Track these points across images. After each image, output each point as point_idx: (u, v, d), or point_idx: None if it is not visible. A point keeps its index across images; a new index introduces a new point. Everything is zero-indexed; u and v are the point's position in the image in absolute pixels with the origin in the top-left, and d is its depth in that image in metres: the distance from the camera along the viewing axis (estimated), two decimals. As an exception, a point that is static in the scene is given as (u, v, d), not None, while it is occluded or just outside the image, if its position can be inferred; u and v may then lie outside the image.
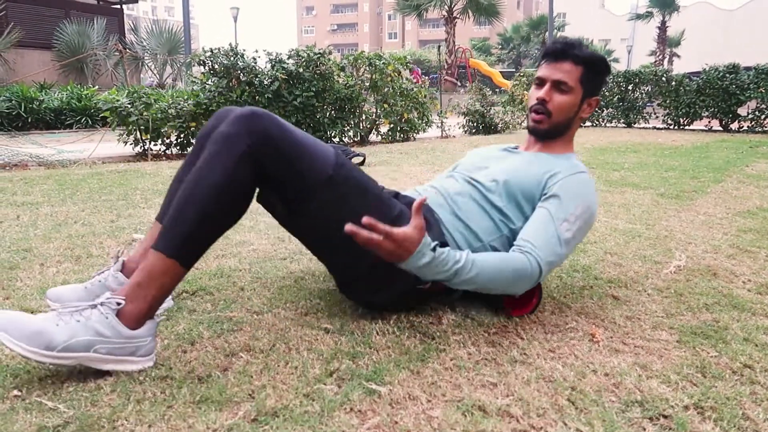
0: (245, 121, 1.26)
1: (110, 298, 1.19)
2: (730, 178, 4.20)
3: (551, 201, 1.49)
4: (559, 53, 1.57)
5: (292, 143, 1.30)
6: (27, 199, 3.11)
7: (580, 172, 1.56)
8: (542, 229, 1.45)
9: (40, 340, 1.11)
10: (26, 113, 8.71)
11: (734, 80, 9.63)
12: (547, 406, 1.11)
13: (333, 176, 1.33)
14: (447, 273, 1.32)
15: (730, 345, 1.39)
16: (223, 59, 5.72)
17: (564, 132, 1.63)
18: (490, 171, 1.63)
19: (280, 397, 1.12)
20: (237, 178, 1.25)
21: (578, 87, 1.57)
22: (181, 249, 1.23)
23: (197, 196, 1.23)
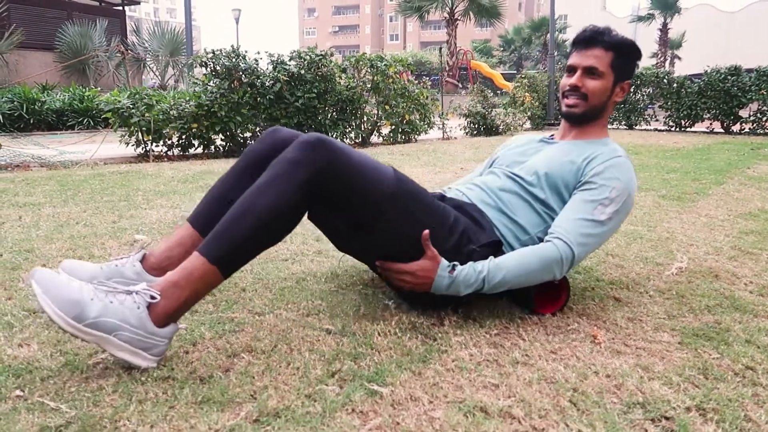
0: (312, 148, 1.31)
1: (146, 290, 1.21)
2: (731, 180, 4.20)
3: (586, 186, 1.56)
4: (588, 40, 1.63)
5: (352, 167, 1.35)
6: (29, 200, 3.11)
7: (617, 156, 1.60)
8: (572, 214, 1.52)
9: (73, 309, 1.12)
10: (28, 114, 8.73)
11: (736, 82, 9.62)
12: (548, 407, 1.11)
13: (395, 192, 1.39)
14: (476, 284, 1.44)
15: (732, 347, 1.39)
16: (225, 61, 5.72)
17: (598, 116, 1.68)
18: (529, 164, 1.67)
19: (281, 398, 1.12)
20: (295, 203, 1.30)
21: (609, 72, 1.62)
22: (226, 258, 1.26)
23: (254, 213, 1.27)
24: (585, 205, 1.53)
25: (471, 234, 1.52)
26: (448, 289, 1.45)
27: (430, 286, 1.45)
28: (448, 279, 1.43)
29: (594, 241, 1.52)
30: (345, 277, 1.88)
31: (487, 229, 1.56)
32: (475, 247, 1.50)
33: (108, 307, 1.16)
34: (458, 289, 1.45)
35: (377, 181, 1.38)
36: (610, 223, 1.53)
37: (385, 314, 1.55)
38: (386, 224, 1.42)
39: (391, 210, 1.40)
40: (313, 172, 1.29)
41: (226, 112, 5.59)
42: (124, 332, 1.16)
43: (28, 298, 1.62)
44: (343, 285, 1.80)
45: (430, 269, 1.43)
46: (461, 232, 1.50)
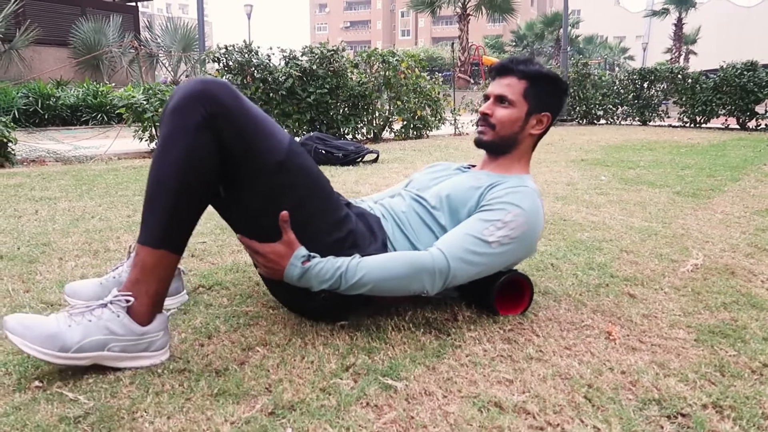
0: (195, 91, 1.21)
1: (118, 295, 1.20)
2: (747, 177, 4.15)
3: (482, 208, 1.46)
4: (502, 69, 1.57)
5: (248, 117, 1.25)
6: (45, 194, 3.15)
7: (523, 186, 1.50)
8: (459, 230, 1.42)
9: (54, 343, 1.13)
10: (43, 110, 8.82)
11: (752, 78, 9.50)
12: (563, 403, 1.11)
13: (285, 162, 1.28)
14: (331, 281, 1.30)
15: (749, 344, 1.38)
16: (238, 56, 5.74)
17: (512, 147, 1.58)
18: (436, 188, 1.59)
19: (296, 391, 1.12)
20: (198, 147, 1.20)
21: (521, 101, 1.54)
22: (165, 237, 1.21)
23: (163, 179, 1.21)
24: (475, 223, 1.42)
25: (359, 239, 1.42)
26: (300, 281, 1.31)
27: (282, 274, 1.31)
28: (300, 270, 1.29)
29: (477, 260, 1.38)
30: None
31: (379, 241, 1.46)
32: (359, 254, 1.37)
33: (88, 327, 1.16)
34: (310, 283, 1.31)
35: (270, 141, 1.27)
36: (499, 248, 1.40)
37: (398, 309, 1.55)
38: (263, 191, 1.29)
39: (275, 181, 1.28)
40: (204, 113, 1.19)
41: (239, 108, 5.61)
42: (115, 343, 1.17)
43: (45, 291, 1.64)
44: (357, 280, 1.81)
45: (283, 254, 1.30)
46: (349, 232, 1.39)
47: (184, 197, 1.21)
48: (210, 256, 2.05)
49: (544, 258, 2.06)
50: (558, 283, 1.80)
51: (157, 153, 1.23)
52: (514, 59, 1.57)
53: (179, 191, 1.20)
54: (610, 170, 4.45)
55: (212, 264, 1.96)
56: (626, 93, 11.20)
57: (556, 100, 1.60)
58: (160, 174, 1.21)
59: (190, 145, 1.20)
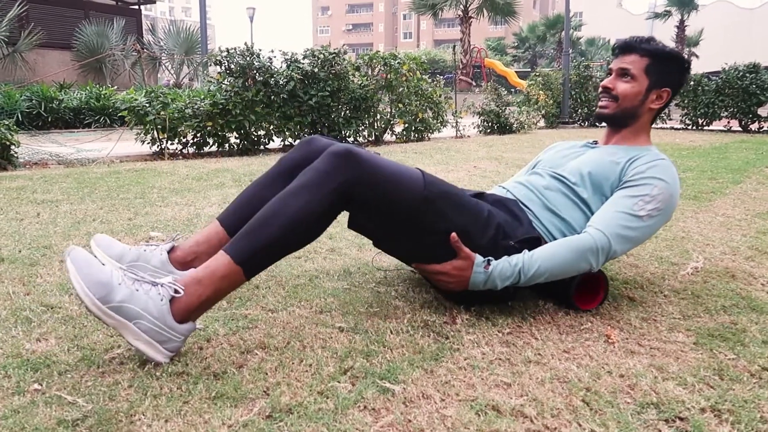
0: (341, 159, 1.34)
1: (171, 284, 1.23)
2: (749, 179, 4.14)
3: (628, 183, 1.57)
4: (626, 46, 1.67)
5: (382, 177, 1.37)
6: (47, 197, 3.16)
7: (661, 159, 1.61)
8: (611, 207, 1.54)
9: (100, 290, 1.15)
10: (46, 113, 8.84)
11: (754, 80, 9.47)
12: (561, 406, 1.11)
13: (427, 196, 1.41)
14: (513, 278, 1.46)
15: (749, 347, 1.38)
16: (239, 59, 5.75)
17: (632, 120, 1.70)
18: (572, 165, 1.70)
19: (294, 395, 1.12)
20: (323, 210, 1.33)
21: (643, 76, 1.64)
22: (250, 259, 1.28)
23: (282, 217, 1.30)
24: (625, 200, 1.54)
25: (507, 228, 1.54)
26: (485, 285, 1.46)
27: (467, 283, 1.47)
28: (484, 275, 1.45)
29: (633, 235, 1.52)
30: (357, 275, 1.88)
31: (525, 224, 1.58)
32: (512, 243, 1.52)
33: (133, 294, 1.18)
34: (495, 284, 1.46)
35: (408, 187, 1.40)
36: (649, 220, 1.53)
37: (397, 312, 1.55)
38: (420, 227, 1.44)
39: (424, 214, 1.43)
40: (341, 182, 1.33)
41: (241, 110, 5.62)
42: (145, 321, 1.18)
43: (46, 294, 1.65)
44: (356, 283, 1.81)
45: (464, 267, 1.46)
46: (496, 227, 1.52)
47: (287, 239, 1.32)
48: (210, 259, 2.05)
49: (544, 261, 2.06)
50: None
51: (287, 192, 1.34)
52: (637, 38, 1.68)
53: (287, 233, 1.31)
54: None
55: (212, 267, 1.96)
56: (628, 95, 11.17)
57: (677, 77, 1.70)
58: (280, 209, 1.31)
59: (317, 203, 1.32)
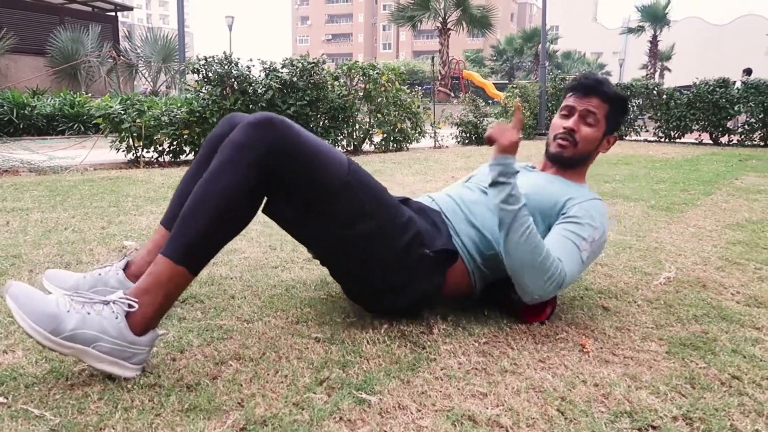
0: (259, 129, 1.26)
1: (123, 299, 1.19)
2: (719, 191, 4.24)
3: (572, 222, 1.53)
4: (589, 88, 1.63)
5: (305, 150, 1.30)
6: (17, 205, 3.09)
7: (596, 199, 1.62)
8: (568, 248, 1.48)
9: (49, 323, 1.11)
10: (18, 119, 8.67)
11: (724, 94, 9.74)
12: (536, 416, 1.11)
13: (349, 181, 1.36)
14: (516, 206, 1.40)
15: (719, 356, 1.40)
16: (218, 67, 5.72)
17: (582, 163, 1.70)
18: None
19: (269, 406, 1.11)
20: (247, 185, 1.26)
21: (603, 122, 1.63)
22: (189, 256, 1.24)
23: (207, 203, 1.24)
24: (574, 241, 1.49)
25: (426, 237, 1.49)
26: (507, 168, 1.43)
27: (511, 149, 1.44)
28: (515, 168, 1.44)
29: (571, 281, 1.50)
30: (334, 285, 1.87)
31: (444, 236, 1.53)
32: (428, 252, 1.47)
33: (86, 319, 1.14)
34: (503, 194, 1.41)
35: (330, 168, 1.34)
36: (586, 264, 1.52)
37: (374, 322, 1.55)
38: (337, 215, 1.37)
39: (342, 200, 1.36)
40: (262, 153, 1.25)
41: (218, 119, 5.57)
42: (104, 343, 1.15)
43: (13, 304, 1.60)
44: (333, 293, 1.80)
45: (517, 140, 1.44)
46: (415, 233, 1.46)
47: (220, 225, 1.26)
48: (185, 269, 2.02)
49: (521, 271, 2.07)
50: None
51: (207, 176, 1.26)
52: (599, 80, 1.65)
53: (217, 219, 1.24)
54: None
55: (187, 277, 1.93)
56: (603, 108, 11.37)
57: (622, 121, 1.72)
58: (203, 197, 1.25)
59: (240, 182, 1.25)
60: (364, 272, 1.48)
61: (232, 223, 1.29)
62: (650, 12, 32.64)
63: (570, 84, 1.70)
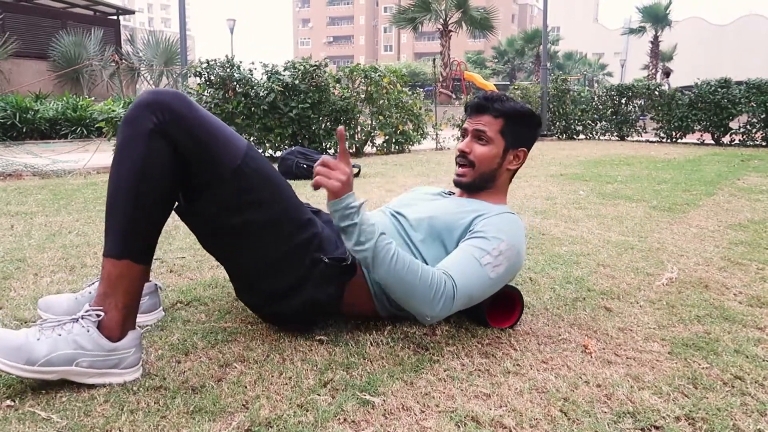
0: (146, 101, 1.23)
1: (89, 310, 1.20)
2: (721, 191, 4.24)
3: (474, 236, 1.47)
4: (478, 107, 1.60)
5: (202, 124, 1.26)
6: (21, 209, 3.10)
7: (508, 213, 1.55)
8: (462, 260, 1.41)
9: (20, 356, 1.11)
10: (21, 123, 8.71)
11: (726, 94, 9.73)
12: (539, 416, 1.12)
13: (241, 166, 1.28)
14: (370, 242, 1.29)
15: (722, 356, 1.40)
16: (220, 71, 5.74)
17: (490, 183, 1.63)
18: (418, 208, 1.61)
19: (274, 408, 1.12)
20: (151, 154, 1.21)
21: (499, 138, 1.58)
22: (126, 247, 1.22)
23: (120, 188, 1.22)
24: (473, 253, 1.42)
25: (325, 243, 1.43)
26: (348, 218, 1.29)
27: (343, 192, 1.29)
28: (357, 203, 1.30)
29: (476, 294, 1.41)
30: (338, 287, 1.88)
31: (343, 248, 1.46)
32: (324, 258, 1.40)
33: (57, 341, 1.15)
34: (355, 227, 1.29)
35: (226, 147, 1.28)
36: (494, 276, 1.42)
37: (377, 324, 1.56)
38: (224, 198, 1.29)
39: (233, 184, 1.28)
40: (156, 121, 1.21)
41: (220, 122, 5.60)
42: (84, 358, 1.16)
43: (19, 308, 1.62)
44: (336, 295, 1.81)
45: (345, 171, 1.30)
46: (313, 234, 1.40)
47: (141, 205, 1.22)
48: (189, 272, 2.03)
49: (523, 272, 2.08)
50: (536, 297, 1.82)
51: (113, 163, 1.24)
52: (489, 97, 1.60)
53: (136, 199, 1.21)
54: (588, 185, 4.52)
55: (191, 279, 1.95)
56: (605, 109, 11.38)
57: (531, 135, 1.65)
58: (116, 183, 1.22)
59: (143, 153, 1.21)
60: (252, 268, 1.40)
61: (152, 199, 1.23)
62: (651, 12, 32.66)
63: (465, 107, 1.67)
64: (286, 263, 1.38)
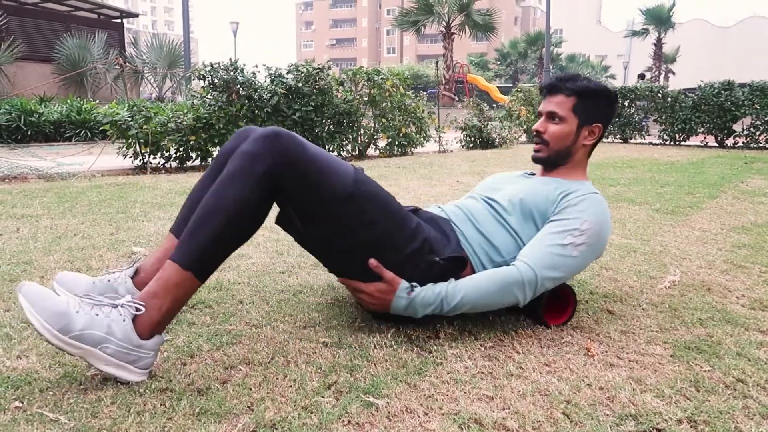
0: (267, 141, 1.31)
1: (131, 302, 1.22)
2: (725, 194, 4.24)
3: (558, 216, 1.57)
4: (551, 88, 1.68)
5: (312, 163, 1.35)
6: (27, 212, 3.12)
7: (593, 193, 1.62)
8: (541, 241, 1.53)
9: (58, 321, 1.14)
10: (26, 126, 8.74)
11: (729, 97, 9.72)
12: (542, 419, 1.13)
13: (353, 192, 1.39)
14: (434, 306, 1.45)
15: (724, 359, 1.41)
16: (223, 74, 5.76)
17: (566, 159, 1.70)
18: (506, 192, 1.71)
19: (278, 410, 1.13)
20: (255, 195, 1.30)
21: (571, 116, 1.65)
22: (197, 262, 1.27)
23: (216, 211, 1.28)
24: (554, 235, 1.53)
25: (435, 244, 1.52)
26: (406, 310, 1.46)
27: (389, 307, 1.47)
28: (406, 300, 1.45)
29: (561, 271, 1.51)
30: (341, 290, 1.89)
31: (453, 243, 1.57)
32: (437, 259, 1.50)
33: (94, 320, 1.17)
34: (416, 310, 1.46)
35: (336, 179, 1.37)
36: (578, 255, 1.52)
37: (381, 327, 1.57)
38: (340, 222, 1.40)
39: (348, 210, 1.39)
40: (271, 164, 1.29)
41: (224, 125, 5.62)
42: (110, 345, 1.18)
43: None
44: (340, 298, 1.82)
45: (387, 291, 1.46)
46: (423, 240, 1.50)
47: (227, 235, 1.30)
48: (193, 274, 2.04)
49: (526, 275, 2.09)
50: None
51: (218, 184, 1.31)
52: (562, 77, 1.68)
53: (225, 227, 1.28)
54: (591, 187, 4.51)
55: (196, 282, 1.96)
56: (608, 111, 11.36)
57: (606, 110, 1.71)
58: (213, 205, 1.29)
59: (249, 192, 1.29)
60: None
61: (239, 231, 1.33)
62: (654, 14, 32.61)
63: (539, 88, 1.78)
64: (402, 272, 1.48)
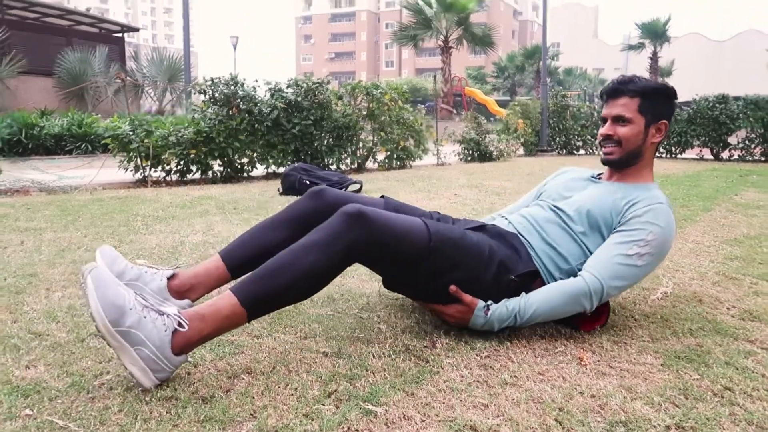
0: (352, 221, 1.41)
1: (177, 315, 1.28)
2: (719, 207, 4.29)
3: (624, 226, 1.65)
4: (613, 92, 1.74)
5: (390, 235, 1.45)
6: (30, 225, 3.16)
7: (658, 203, 1.68)
8: (607, 251, 1.63)
9: (113, 313, 1.20)
10: (27, 139, 8.80)
11: (724, 110, 9.83)
12: (535, 426, 1.17)
13: (431, 245, 1.51)
14: (509, 320, 1.58)
15: (712, 368, 1.45)
16: (224, 88, 5.83)
17: (637, 159, 1.76)
18: (573, 200, 1.77)
19: (280, 417, 1.17)
20: (333, 266, 1.42)
21: (638, 117, 1.71)
22: (256, 304, 1.35)
23: (294, 269, 1.36)
24: (620, 245, 1.62)
25: (509, 263, 1.63)
26: (484, 327, 1.58)
27: (468, 324, 1.60)
28: (483, 318, 1.57)
29: (625, 281, 1.61)
30: (341, 302, 1.93)
31: (524, 257, 1.67)
32: (513, 277, 1.61)
33: (141, 322, 1.23)
34: (492, 326, 1.58)
35: (414, 242, 1.49)
36: (642, 265, 1.61)
37: (379, 337, 1.61)
38: (427, 274, 1.55)
39: (431, 262, 1.52)
40: (352, 242, 1.41)
41: (225, 138, 5.68)
42: (145, 349, 1.23)
43: (33, 321, 1.67)
44: (339, 309, 1.86)
45: (466, 311, 1.58)
46: (498, 264, 1.60)
47: (294, 290, 1.41)
48: (196, 287, 2.08)
49: (521, 287, 2.13)
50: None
51: (299, 247, 1.40)
52: (622, 80, 1.74)
53: (295, 285, 1.39)
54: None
55: (198, 294, 2.00)
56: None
57: (668, 106, 1.76)
58: (290, 262, 1.38)
59: (327, 260, 1.39)
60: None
61: (305, 291, 1.44)
62: (650, 28, 32.94)
63: (600, 93, 1.83)
64: (486, 296, 1.60)
